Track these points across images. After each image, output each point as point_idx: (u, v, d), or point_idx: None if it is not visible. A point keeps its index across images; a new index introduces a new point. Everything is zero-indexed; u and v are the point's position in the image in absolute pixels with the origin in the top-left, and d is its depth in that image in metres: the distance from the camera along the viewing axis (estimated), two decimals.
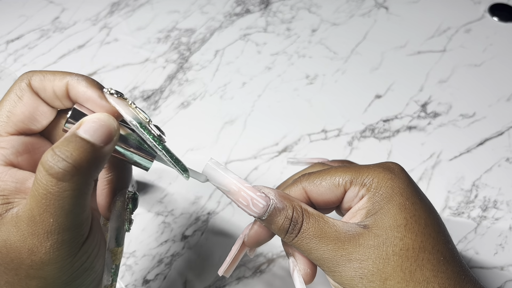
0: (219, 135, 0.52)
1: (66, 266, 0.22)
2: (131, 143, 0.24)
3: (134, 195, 0.27)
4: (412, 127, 0.53)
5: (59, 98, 0.24)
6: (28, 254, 0.21)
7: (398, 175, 0.25)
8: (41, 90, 0.24)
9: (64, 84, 0.23)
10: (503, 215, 0.45)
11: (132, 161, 0.25)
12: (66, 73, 0.24)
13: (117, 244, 0.25)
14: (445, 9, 0.68)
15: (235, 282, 0.41)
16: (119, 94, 0.24)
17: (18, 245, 0.21)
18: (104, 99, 0.23)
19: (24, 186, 0.23)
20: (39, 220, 0.20)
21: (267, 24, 0.66)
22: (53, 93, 0.24)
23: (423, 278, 0.22)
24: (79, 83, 0.23)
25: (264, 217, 0.25)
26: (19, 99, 0.24)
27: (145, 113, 0.24)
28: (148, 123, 0.24)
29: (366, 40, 0.63)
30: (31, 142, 0.24)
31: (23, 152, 0.24)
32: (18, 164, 0.24)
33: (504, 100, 0.56)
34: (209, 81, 0.59)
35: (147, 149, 0.25)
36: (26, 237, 0.20)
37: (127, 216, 0.26)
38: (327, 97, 0.56)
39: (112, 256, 0.25)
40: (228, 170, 0.26)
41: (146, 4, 0.70)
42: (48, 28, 0.66)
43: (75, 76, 0.24)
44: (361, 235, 0.24)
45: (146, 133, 0.23)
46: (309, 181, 0.26)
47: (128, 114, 0.23)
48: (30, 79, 0.24)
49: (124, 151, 0.25)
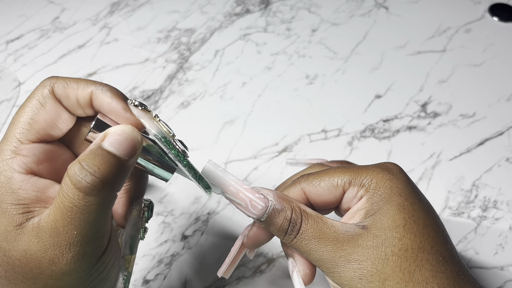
0: (219, 135, 0.52)
1: (85, 277, 0.22)
2: (152, 154, 0.24)
3: (150, 203, 0.27)
4: (412, 127, 0.53)
5: (82, 107, 0.24)
6: (48, 264, 0.21)
7: (397, 175, 0.25)
8: (64, 98, 0.23)
9: (89, 93, 0.23)
10: (503, 215, 0.45)
11: (152, 173, 0.25)
12: (89, 82, 0.24)
13: (131, 252, 0.25)
14: (445, 9, 0.68)
15: (235, 282, 0.41)
16: (143, 106, 0.24)
17: (39, 255, 0.21)
18: (129, 111, 0.23)
19: (45, 195, 0.22)
20: (63, 232, 0.20)
21: (267, 24, 0.66)
22: (76, 101, 0.24)
23: (422, 278, 0.22)
24: (104, 94, 0.23)
25: (263, 218, 0.25)
26: (41, 106, 0.23)
27: (169, 126, 0.24)
28: (172, 137, 0.24)
29: (366, 40, 0.63)
30: (51, 149, 0.24)
31: (44, 160, 0.24)
32: (38, 172, 0.23)
33: (504, 100, 0.56)
34: (209, 81, 0.59)
35: (168, 162, 0.25)
36: (48, 248, 0.20)
37: (142, 224, 0.26)
38: (327, 97, 0.56)
39: (125, 263, 0.25)
40: (227, 171, 0.26)
41: (146, 4, 0.70)
42: (48, 28, 0.66)
43: (100, 86, 0.24)
44: (360, 235, 0.24)
45: (170, 147, 0.23)
46: (307, 182, 0.26)
47: (153, 128, 0.23)
48: (53, 86, 0.23)
49: (144, 163, 0.24)
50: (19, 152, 0.22)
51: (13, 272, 0.21)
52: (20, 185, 0.22)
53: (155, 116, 0.24)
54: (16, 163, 0.22)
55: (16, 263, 0.21)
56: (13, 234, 0.21)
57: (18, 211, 0.21)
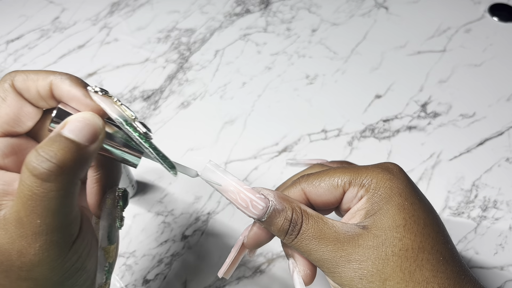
0: (219, 135, 0.52)
1: (57, 267, 0.22)
2: (118, 140, 0.24)
3: (124, 192, 0.26)
4: (412, 127, 0.53)
5: (44, 98, 0.24)
6: (17, 256, 0.21)
7: (397, 175, 0.25)
8: (25, 90, 0.23)
9: (48, 83, 0.23)
10: (503, 215, 0.45)
11: (120, 159, 0.25)
12: (49, 72, 0.23)
13: (109, 242, 0.25)
14: (445, 9, 0.68)
15: (235, 282, 0.41)
16: (104, 92, 0.23)
17: (7, 248, 0.20)
18: (89, 97, 0.23)
19: (11, 188, 0.22)
20: (26, 221, 0.20)
21: (267, 24, 0.66)
22: (37, 93, 0.23)
23: (422, 278, 0.22)
24: (63, 82, 0.23)
25: (264, 218, 0.25)
26: (2, 100, 0.23)
27: (131, 110, 0.24)
28: (134, 120, 0.23)
29: (366, 40, 0.63)
30: (17, 143, 0.24)
31: (9, 154, 0.23)
32: (4, 166, 0.23)
33: (504, 100, 0.56)
34: (209, 81, 0.59)
35: (135, 146, 0.25)
36: (15, 239, 0.20)
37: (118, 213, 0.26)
38: (327, 97, 0.56)
39: (105, 254, 0.25)
40: (227, 172, 0.26)
41: (146, 4, 0.70)
42: (48, 28, 0.66)
43: (59, 75, 0.23)
44: (360, 235, 0.24)
45: (132, 130, 0.23)
46: (308, 182, 0.26)
47: (114, 112, 0.23)
48: (13, 79, 0.23)
49: (111, 149, 0.24)
50: None
51: None
52: None
53: (116, 100, 0.24)
54: None
55: None
56: None
57: None
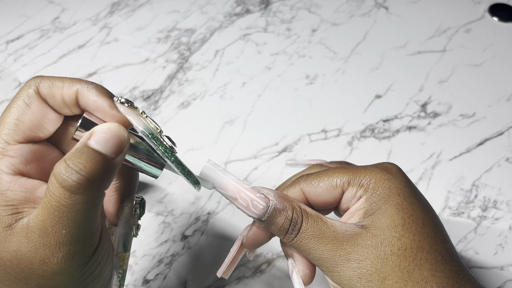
0: (219, 135, 0.52)
1: (77, 276, 0.22)
2: (140, 151, 0.24)
3: (141, 200, 0.27)
4: (412, 127, 0.53)
5: (68, 106, 0.24)
6: (39, 264, 0.21)
7: (396, 175, 0.25)
8: (50, 97, 0.23)
9: (74, 92, 0.23)
10: (503, 215, 0.45)
11: (141, 170, 0.25)
12: (75, 80, 0.23)
13: (124, 249, 0.25)
14: (445, 9, 0.68)
15: (235, 282, 0.41)
16: (129, 103, 0.23)
17: (29, 256, 0.21)
18: (115, 108, 0.23)
19: (33, 195, 0.22)
20: (51, 231, 0.20)
21: (267, 24, 0.66)
22: (62, 100, 0.23)
23: (421, 277, 0.22)
24: (90, 92, 0.23)
25: (264, 218, 0.25)
26: (27, 107, 0.23)
27: (156, 122, 0.24)
28: (160, 133, 0.23)
29: (366, 40, 0.63)
30: (38, 149, 0.24)
31: (31, 160, 0.23)
32: (27, 172, 0.23)
33: (504, 100, 0.56)
34: (209, 81, 0.59)
35: (157, 158, 0.25)
36: (38, 248, 0.20)
37: (134, 221, 0.26)
38: (327, 97, 0.56)
39: (120, 261, 0.25)
40: (227, 171, 0.26)
41: (146, 4, 0.70)
42: (48, 28, 0.66)
43: (85, 84, 0.23)
44: (359, 235, 0.24)
45: (157, 144, 0.23)
46: (307, 183, 0.26)
47: (139, 125, 0.23)
48: (38, 85, 0.23)
49: (133, 160, 0.24)
50: (6, 153, 0.22)
51: (5, 273, 0.21)
52: (8, 186, 0.22)
53: (142, 112, 0.24)
54: (3, 164, 0.22)
55: (8, 264, 0.21)
56: (3, 236, 0.21)
57: (7, 213, 0.21)
